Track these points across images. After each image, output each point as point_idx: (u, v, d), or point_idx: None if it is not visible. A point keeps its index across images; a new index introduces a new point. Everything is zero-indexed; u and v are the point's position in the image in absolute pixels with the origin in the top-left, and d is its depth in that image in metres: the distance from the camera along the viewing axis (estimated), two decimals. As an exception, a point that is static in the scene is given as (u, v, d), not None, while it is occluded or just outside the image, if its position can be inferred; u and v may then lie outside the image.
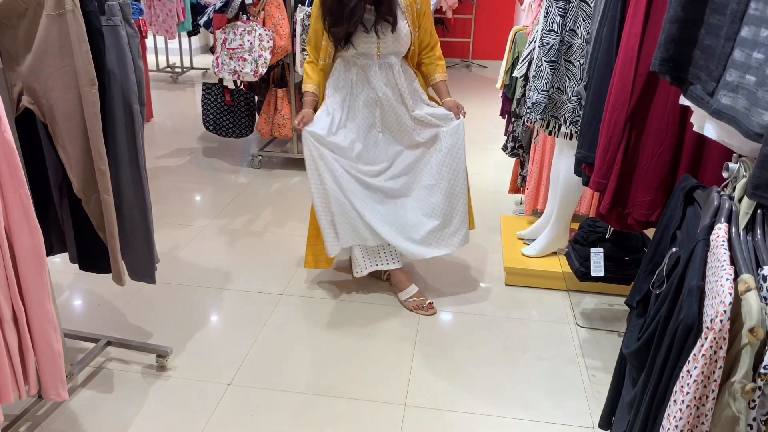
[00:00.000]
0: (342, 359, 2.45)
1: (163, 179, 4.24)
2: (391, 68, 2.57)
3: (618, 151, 1.56)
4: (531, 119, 2.50)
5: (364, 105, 2.62)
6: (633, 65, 1.48)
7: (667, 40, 1.08)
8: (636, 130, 1.55)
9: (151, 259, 2.24)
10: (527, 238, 3.20)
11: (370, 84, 2.59)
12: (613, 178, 1.58)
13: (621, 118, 1.53)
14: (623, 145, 1.56)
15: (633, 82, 1.49)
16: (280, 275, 3.04)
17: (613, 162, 1.58)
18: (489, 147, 5.13)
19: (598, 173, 1.62)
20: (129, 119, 2.01)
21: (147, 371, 2.35)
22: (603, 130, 1.58)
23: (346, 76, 2.61)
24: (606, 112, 1.57)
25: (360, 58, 2.56)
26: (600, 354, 2.52)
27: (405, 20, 2.54)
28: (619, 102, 1.52)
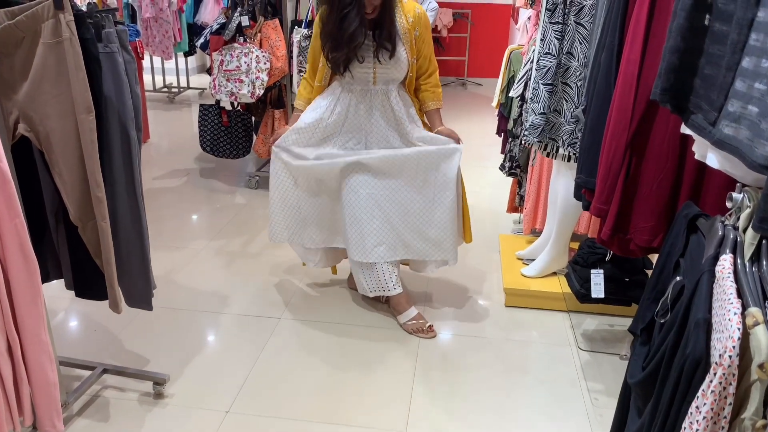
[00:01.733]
0: (342, 385, 2.42)
1: (160, 200, 4.22)
2: (387, 95, 2.56)
3: (618, 177, 1.56)
4: (529, 141, 2.49)
5: (354, 129, 2.61)
6: (632, 91, 1.48)
7: (668, 69, 1.08)
8: (636, 156, 1.55)
9: (147, 286, 2.21)
10: (526, 258, 3.19)
11: (363, 110, 2.57)
12: (614, 204, 1.58)
13: (621, 144, 1.53)
14: (624, 171, 1.55)
15: (633, 109, 1.49)
16: (277, 298, 3.01)
17: (613, 188, 1.57)
18: (485, 165, 5.13)
19: (598, 199, 1.61)
20: (126, 146, 2.00)
21: (144, 399, 2.32)
22: (603, 156, 1.58)
23: (341, 99, 2.59)
24: (606, 138, 1.57)
25: (356, 84, 2.55)
26: (602, 377, 2.49)
27: (404, 47, 2.53)
28: (619, 128, 1.51)
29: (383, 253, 2.62)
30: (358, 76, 2.51)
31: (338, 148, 2.62)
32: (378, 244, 2.61)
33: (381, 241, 2.61)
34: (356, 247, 2.62)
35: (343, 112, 2.57)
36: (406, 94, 2.63)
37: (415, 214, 2.62)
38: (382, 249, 2.62)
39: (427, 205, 2.61)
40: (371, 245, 2.60)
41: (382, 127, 2.59)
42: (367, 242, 2.60)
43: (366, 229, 2.59)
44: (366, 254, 2.61)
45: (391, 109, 2.57)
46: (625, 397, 1.44)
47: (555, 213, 2.99)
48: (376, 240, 2.60)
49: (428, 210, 2.61)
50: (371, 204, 2.58)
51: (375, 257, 2.61)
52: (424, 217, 2.63)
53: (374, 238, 2.60)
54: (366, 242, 2.60)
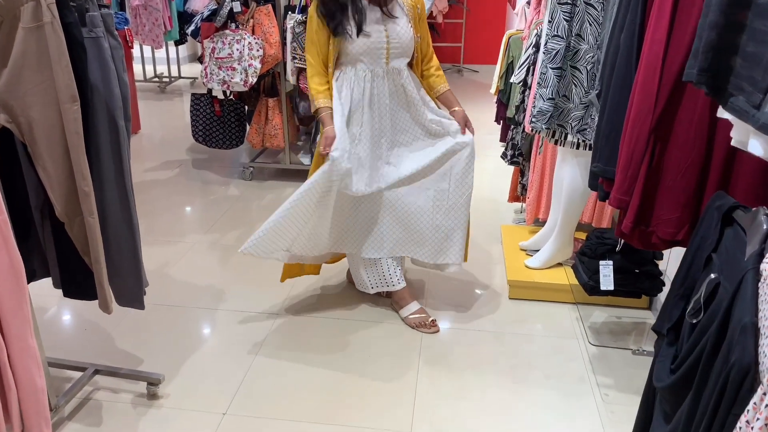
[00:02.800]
0: (343, 383, 2.33)
1: (152, 193, 4.11)
2: (399, 74, 2.46)
3: (641, 165, 1.46)
4: (536, 129, 2.40)
5: (374, 117, 2.49)
6: (657, 73, 1.39)
7: (707, 47, 0.98)
8: (660, 142, 1.45)
9: (139, 284, 2.12)
10: (530, 249, 3.11)
11: (378, 93, 2.45)
12: (636, 194, 1.48)
13: (644, 131, 1.43)
14: (647, 159, 1.46)
15: (657, 92, 1.40)
16: (275, 293, 2.92)
17: (635, 177, 1.48)
18: (484, 153, 5.03)
19: (619, 189, 1.52)
20: (114, 136, 1.90)
21: (137, 401, 2.23)
22: (624, 144, 1.48)
23: (355, 87, 2.45)
24: (627, 124, 1.48)
25: (369, 66, 2.43)
26: (612, 371, 2.42)
27: (409, 22, 2.46)
28: (642, 113, 1.42)
29: (393, 248, 2.62)
30: (371, 53, 2.40)
31: (368, 148, 2.49)
32: (389, 239, 2.61)
33: (392, 237, 2.61)
34: (370, 245, 2.60)
35: (362, 101, 2.45)
36: (415, 75, 2.55)
37: (428, 214, 2.59)
38: (392, 244, 2.62)
39: (440, 206, 2.59)
40: (383, 241, 2.60)
41: (400, 113, 2.51)
42: (382, 239, 2.60)
43: (382, 227, 2.59)
44: (378, 250, 2.60)
45: (404, 91, 2.48)
46: (649, 399, 1.36)
47: (560, 202, 2.91)
48: (389, 236, 2.60)
49: (441, 211, 2.59)
50: (388, 204, 2.57)
51: (386, 251, 2.61)
52: (437, 218, 2.59)
53: (388, 234, 2.60)
54: (380, 239, 2.59)
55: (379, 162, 2.53)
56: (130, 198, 1.98)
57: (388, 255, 2.62)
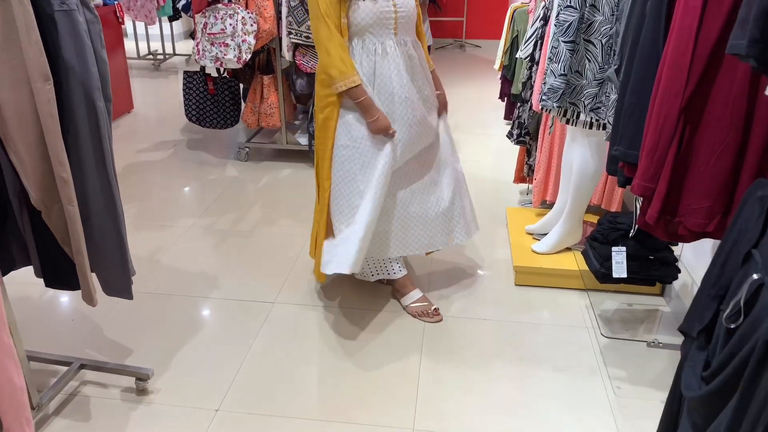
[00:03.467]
0: (341, 378, 2.22)
1: (144, 174, 3.97)
2: (407, 46, 2.32)
3: (669, 149, 1.32)
4: (547, 107, 2.25)
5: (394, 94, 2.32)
6: (690, 46, 1.24)
7: (759, 14, 0.85)
8: (691, 123, 1.31)
9: (126, 273, 2.00)
10: (537, 233, 2.98)
11: (389, 68, 2.29)
12: (662, 181, 1.35)
13: (673, 110, 1.29)
14: (675, 142, 1.32)
15: (690, 66, 1.25)
16: (271, 280, 2.80)
17: (662, 162, 1.34)
18: (488, 132, 4.89)
19: (644, 176, 1.38)
20: (93, 118, 1.76)
21: (126, 395, 2.12)
22: (650, 125, 1.34)
23: (364, 62, 2.27)
24: (654, 102, 1.33)
25: (377, 37, 2.25)
26: (624, 362, 2.30)
27: None
28: (672, 91, 1.28)
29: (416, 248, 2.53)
30: (379, 23, 2.23)
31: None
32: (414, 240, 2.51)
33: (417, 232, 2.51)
34: (399, 243, 2.48)
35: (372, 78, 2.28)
36: (419, 44, 2.42)
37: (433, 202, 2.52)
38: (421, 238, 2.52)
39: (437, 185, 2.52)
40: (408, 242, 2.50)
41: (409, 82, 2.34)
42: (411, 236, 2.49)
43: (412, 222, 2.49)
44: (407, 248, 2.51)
45: (411, 59, 2.34)
46: (673, 407, 1.24)
47: (569, 184, 2.77)
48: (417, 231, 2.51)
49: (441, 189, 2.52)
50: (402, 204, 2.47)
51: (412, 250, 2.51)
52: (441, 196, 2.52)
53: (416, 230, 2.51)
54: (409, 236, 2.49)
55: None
56: (113, 184, 1.86)
57: (414, 253, 2.53)
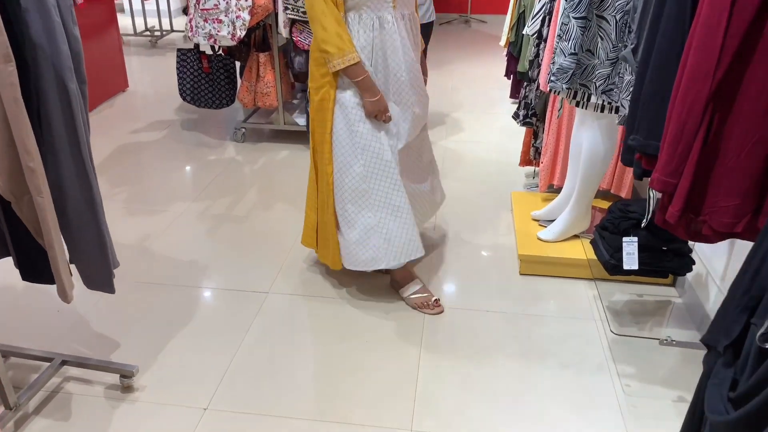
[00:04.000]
0: (337, 374, 2.12)
1: (137, 156, 3.85)
2: (404, 20, 2.19)
3: (694, 140, 1.19)
4: (556, 88, 2.11)
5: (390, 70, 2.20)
6: (722, 25, 1.10)
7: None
8: (720, 112, 1.17)
9: (106, 266, 1.88)
10: (543, 219, 2.85)
11: (391, 41, 2.16)
12: (686, 176, 1.21)
13: (701, 97, 1.15)
14: (702, 133, 1.18)
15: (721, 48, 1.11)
16: (265, 269, 2.69)
17: (686, 155, 1.21)
18: (493, 111, 4.73)
19: (664, 169, 1.25)
20: (65, 102, 1.63)
21: (111, 393, 2.02)
22: (673, 112, 1.20)
23: (366, 38, 2.14)
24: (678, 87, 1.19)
25: (374, 11, 2.11)
26: (634, 358, 2.19)
27: None
28: (700, 74, 1.14)
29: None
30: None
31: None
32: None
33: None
34: None
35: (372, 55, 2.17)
36: (417, 17, 2.31)
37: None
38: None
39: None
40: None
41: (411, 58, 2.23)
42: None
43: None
44: None
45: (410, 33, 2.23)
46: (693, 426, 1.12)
47: (577, 168, 2.64)
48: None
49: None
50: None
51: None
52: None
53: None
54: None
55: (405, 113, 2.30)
56: (90, 172, 1.73)
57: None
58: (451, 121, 4.50)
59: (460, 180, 3.55)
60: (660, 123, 1.28)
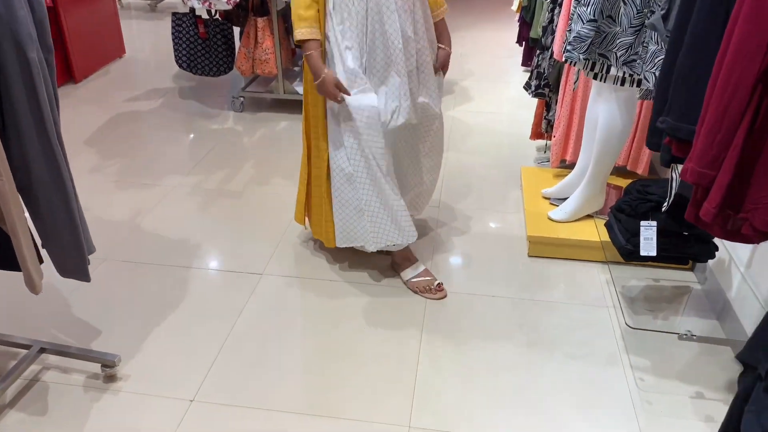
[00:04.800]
0: (331, 364, 1.99)
1: (130, 126, 3.69)
2: None
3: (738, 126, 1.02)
4: (572, 59, 1.92)
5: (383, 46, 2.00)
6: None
7: None
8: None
9: (79, 252, 1.75)
10: (554, 197, 2.68)
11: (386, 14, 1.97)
12: (726, 167, 1.04)
13: (748, 75, 0.97)
14: (748, 118, 1.01)
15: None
16: (260, 248, 2.56)
17: (727, 143, 1.03)
18: (503, 80, 4.52)
19: (701, 159, 1.07)
20: (26, 74, 1.48)
21: (91, 383, 1.91)
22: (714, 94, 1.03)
23: (355, 9, 1.97)
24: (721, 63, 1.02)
25: None
26: (648, 350, 2.05)
27: None
28: (749, 48, 0.96)
29: None
30: None
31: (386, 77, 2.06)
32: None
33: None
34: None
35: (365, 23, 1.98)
36: None
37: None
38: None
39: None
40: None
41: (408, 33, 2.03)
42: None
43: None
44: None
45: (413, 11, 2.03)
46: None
47: (592, 143, 2.46)
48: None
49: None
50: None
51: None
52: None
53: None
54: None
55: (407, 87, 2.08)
56: (56, 151, 1.59)
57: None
58: (459, 90, 4.31)
59: (467, 153, 3.38)
60: (696, 104, 1.10)
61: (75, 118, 3.78)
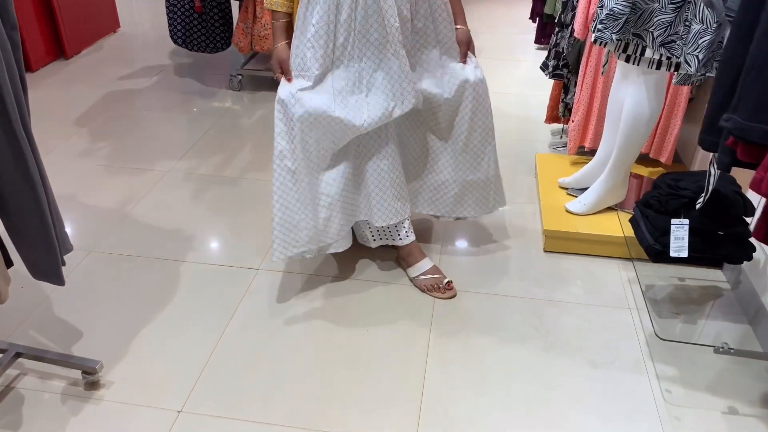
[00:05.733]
0: (332, 371, 1.84)
1: (123, 106, 3.51)
2: None
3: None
4: (603, 39, 1.72)
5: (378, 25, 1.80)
6: None
7: None
8: None
9: (51, 253, 1.59)
10: (572, 188, 2.50)
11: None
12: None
13: None
14: None
15: None
16: (256, 241, 2.39)
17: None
18: (515, 58, 4.31)
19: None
20: (-17, 53, 1.30)
21: (71, 391, 1.76)
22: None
23: None
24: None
25: None
26: (677, 358, 1.89)
27: None
28: None
29: (403, 209, 2.07)
30: None
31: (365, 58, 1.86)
32: (399, 198, 2.05)
33: (402, 196, 2.06)
34: (381, 211, 2.03)
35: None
36: None
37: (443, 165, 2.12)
38: (401, 204, 2.06)
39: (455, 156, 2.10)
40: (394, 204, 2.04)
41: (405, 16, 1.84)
42: (392, 202, 2.03)
43: (391, 186, 2.01)
44: (391, 215, 2.04)
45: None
46: None
47: (615, 130, 2.28)
48: (398, 195, 2.04)
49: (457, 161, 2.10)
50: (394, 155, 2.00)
51: (400, 215, 2.05)
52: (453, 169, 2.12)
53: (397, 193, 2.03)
54: (390, 202, 2.02)
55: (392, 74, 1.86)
56: (22, 142, 1.41)
57: (403, 218, 2.07)
58: (468, 69, 4.09)
59: (477, 137, 3.19)
60: (771, 98, 0.93)
61: (65, 96, 3.60)
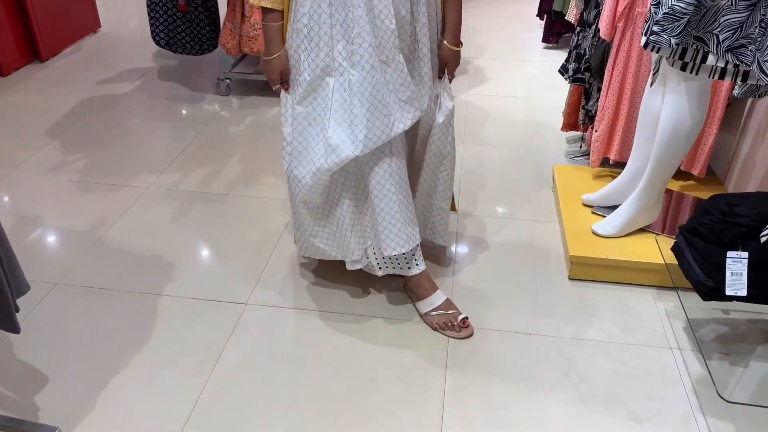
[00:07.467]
0: (332, 425, 1.57)
1: (101, 114, 3.23)
2: None
3: None
4: (660, 43, 1.46)
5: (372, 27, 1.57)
6: None
7: None
8: None
9: (3, 299, 1.32)
10: (598, 206, 2.25)
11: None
12: None
13: None
14: None
15: None
16: (245, 271, 2.12)
17: None
18: (522, 58, 4.05)
19: None
20: None
21: (27, 459, 1.50)
22: None
23: None
24: None
25: None
26: (729, 411, 1.64)
27: None
28: None
29: (415, 235, 1.81)
30: None
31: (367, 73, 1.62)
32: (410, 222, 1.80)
33: (413, 219, 1.82)
34: (390, 238, 1.77)
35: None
36: None
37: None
38: (412, 228, 1.81)
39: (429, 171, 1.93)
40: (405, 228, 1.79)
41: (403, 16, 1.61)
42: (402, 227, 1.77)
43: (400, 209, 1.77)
44: (403, 242, 1.78)
45: None
46: None
47: (647, 141, 2.03)
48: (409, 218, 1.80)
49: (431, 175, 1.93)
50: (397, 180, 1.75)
51: (413, 242, 1.80)
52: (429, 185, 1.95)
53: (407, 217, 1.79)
54: (401, 227, 1.77)
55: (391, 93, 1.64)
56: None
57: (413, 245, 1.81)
58: (473, 70, 3.84)
59: (484, 144, 2.93)
60: None
61: (39, 102, 3.32)
